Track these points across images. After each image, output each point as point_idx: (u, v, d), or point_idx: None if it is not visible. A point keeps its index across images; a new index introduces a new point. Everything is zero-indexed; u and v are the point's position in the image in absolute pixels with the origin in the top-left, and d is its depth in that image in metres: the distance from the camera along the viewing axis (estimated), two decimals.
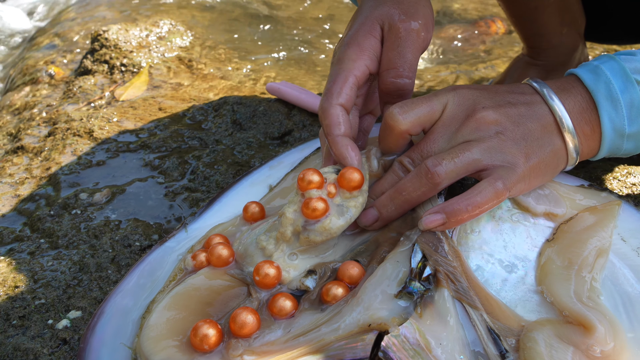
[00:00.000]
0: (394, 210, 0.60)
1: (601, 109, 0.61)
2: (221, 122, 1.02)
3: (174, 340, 0.54)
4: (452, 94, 0.61)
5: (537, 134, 0.60)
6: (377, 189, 0.63)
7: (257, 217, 0.66)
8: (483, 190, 0.57)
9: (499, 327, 0.53)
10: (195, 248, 0.66)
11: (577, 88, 0.62)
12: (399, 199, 0.60)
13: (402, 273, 0.54)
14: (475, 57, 1.44)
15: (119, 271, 0.72)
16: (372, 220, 0.61)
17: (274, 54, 1.44)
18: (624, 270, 0.61)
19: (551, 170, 0.62)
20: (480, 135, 0.59)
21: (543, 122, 0.61)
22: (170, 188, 0.87)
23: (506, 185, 0.57)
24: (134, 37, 1.36)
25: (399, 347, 0.48)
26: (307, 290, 0.58)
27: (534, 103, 0.61)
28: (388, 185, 0.62)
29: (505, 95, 0.62)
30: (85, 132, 1.01)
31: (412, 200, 0.60)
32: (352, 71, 0.63)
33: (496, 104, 0.61)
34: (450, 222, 0.57)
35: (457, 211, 0.56)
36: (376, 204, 0.61)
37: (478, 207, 0.57)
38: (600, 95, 0.61)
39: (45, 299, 0.68)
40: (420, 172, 0.58)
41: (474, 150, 0.58)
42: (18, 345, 0.62)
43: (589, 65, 0.63)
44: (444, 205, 0.57)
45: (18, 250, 0.77)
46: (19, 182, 0.92)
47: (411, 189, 0.59)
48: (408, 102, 0.61)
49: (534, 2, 0.97)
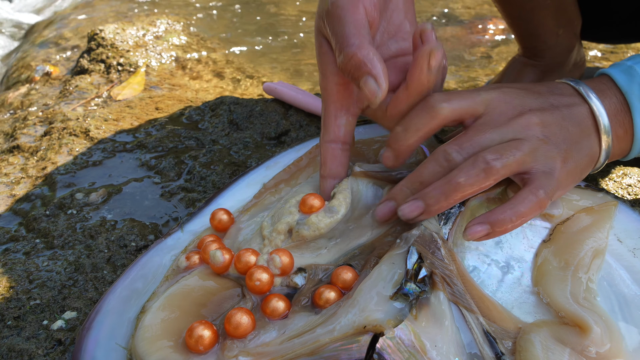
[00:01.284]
0: (444, 202, 0.56)
1: (634, 111, 0.61)
2: (218, 122, 1.02)
3: (168, 340, 0.54)
4: (498, 91, 0.60)
5: (576, 137, 0.59)
6: (415, 179, 0.59)
7: (226, 225, 0.67)
8: (526, 199, 0.55)
9: (495, 329, 0.53)
10: (189, 248, 0.66)
11: (612, 89, 0.61)
12: (450, 191, 0.56)
13: (397, 275, 0.54)
14: (472, 57, 1.44)
15: (114, 272, 0.72)
16: (418, 213, 0.57)
17: (271, 54, 1.43)
18: (620, 271, 0.61)
19: (584, 173, 0.62)
20: (528, 134, 0.57)
21: (582, 125, 0.60)
22: (166, 188, 0.87)
23: (548, 194, 0.56)
24: (130, 37, 1.36)
25: (394, 349, 0.48)
26: (296, 288, 0.59)
27: (574, 105, 0.60)
28: (430, 175, 0.58)
29: (549, 97, 0.61)
30: (81, 132, 1.01)
31: (466, 193, 0.56)
32: (329, 99, 0.64)
33: (541, 106, 0.59)
34: (495, 232, 0.55)
35: (501, 221, 0.55)
36: (422, 196, 0.57)
37: (522, 216, 0.55)
38: (634, 97, 0.60)
39: (40, 300, 0.68)
40: (477, 164, 0.55)
41: (525, 149, 0.57)
42: (13, 346, 0.62)
43: (622, 66, 0.63)
44: (488, 215, 0.55)
45: (13, 250, 0.77)
46: (15, 182, 0.92)
47: (465, 181, 0.55)
48: (451, 92, 0.59)
49: (530, 3, 0.97)
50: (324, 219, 0.61)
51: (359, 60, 0.56)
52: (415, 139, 0.59)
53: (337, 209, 0.62)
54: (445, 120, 0.59)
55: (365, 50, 0.56)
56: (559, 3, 0.99)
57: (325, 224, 0.61)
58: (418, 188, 0.59)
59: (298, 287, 0.59)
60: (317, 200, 0.62)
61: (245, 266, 0.59)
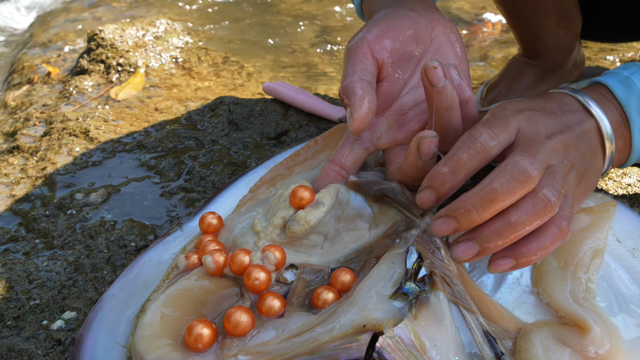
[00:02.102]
0: (501, 242, 0.54)
1: (633, 124, 0.61)
2: (217, 122, 1.02)
3: (168, 339, 0.54)
4: (521, 116, 0.58)
5: (589, 156, 0.59)
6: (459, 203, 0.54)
7: (216, 227, 0.67)
8: (549, 230, 0.54)
9: (495, 329, 0.53)
10: (188, 248, 0.66)
11: (612, 101, 0.62)
12: (509, 232, 0.53)
13: (397, 274, 0.54)
14: (471, 57, 1.44)
15: (114, 272, 0.72)
16: (471, 253, 0.54)
17: (271, 54, 1.44)
18: (619, 271, 0.61)
19: (591, 191, 0.61)
20: (557, 160, 0.56)
21: (592, 143, 0.60)
22: (166, 188, 0.87)
23: (568, 222, 0.55)
24: (130, 37, 1.36)
25: (393, 347, 0.48)
26: (286, 283, 0.59)
27: (583, 121, 0.60)
28: (478, 199, 0.53)
29: (561, 116, 0.59)
30: (81, 132, 1.01)
31: (524, 230, 0.53)
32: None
33: (559, 128, 0.58)
34: (519, 265, 0.54)
35: (525, 254, 0.53)
36: (476, 236, 0.54)
37: (545, 248, 0.54)
38: (633, 110, 0.61)
39: (40, 300, 0.68)
40: (537, 203, 0.52)
41: (560, 177, 0.55)
42: (12, 346, 0.62)
43: (619, 76, 0.62)
44: (513, 247, 0.54)
45: (13, 251, 0.77)
46: (15, 182, 0.92)
47: (524, 219, 0.53)
48: (491, 125, 0.56)
49: (532, 5, 0.98)
50: (311, 212, 0.62)
51: (346, 91, 0.60)
52: (463, 180, 0.56)
53: (322, 201, 0.63)
54: (493, 158, 0.56)
55: (352, 84, 0.60)
56: (560, 5, 0.99)
57: (313, 216, 0.62)
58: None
59: (287, 283, 0.59)
60: (307, 192, 0.63)
61: (239, 267, 0.59)
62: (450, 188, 0.56)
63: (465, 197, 0.53)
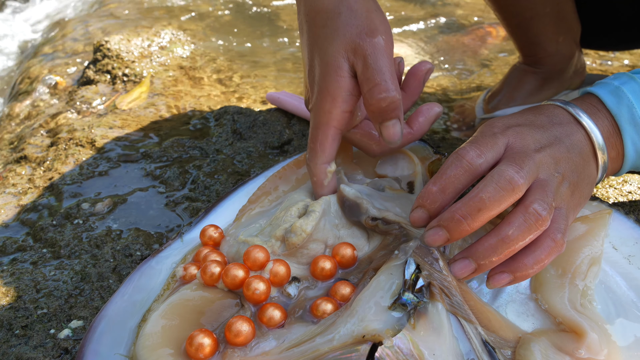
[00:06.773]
0: (496, 258, 0.55)
1: (625, 133, 0.61)
2: (221, 131, 1.03)
3: (169, 349, 0.54)
4: (510, 132, 0.59)
5: (580, 167, 0.59)
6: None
7: (217, 241, 0.68)
8: (544, 243, 0.54)
9: (494, 339, 0.54)
10: (188, 258, 0.67)
11: (603, 111, 0.62)
12: (502, 247, 0.54)
13: (395, 285, 0.54)
14: (473, 64, 1.45)
15: (120, 281, 0.73)
16: (468, 271, 0.56)
17: (275, 64, 1.45)
18: (615, 277, 0.61)
19: (586, 202, 0.62)
20: (547, 173, 0.57)
21: (583, 153, 0.60)
22: (171, 198, 0.88)
23: (563, 234, 0.55)
24: (135, 47, 1.37)
25: (392, 357, 0.49)
26: (290, 297, 0.60)
27: (573, 133, 0.60)
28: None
29: (551, 129, 0.60)
30: (87, 142, 1.02)
31: (518, 245, 0.55)
32: (331, 123, 0.64)
33: (549, 142, 0.59)
34: (517, 279, 0.55)
35: (522, 268, 0.54)
36: (472, 254, 0.55)
37: (541, 262, 0.54)
38: (624, 119, 0.61)
39: (47, 309, 0.69)
40: (529, 218, 0.54)
41: (551, 190, 0.56)
42: (20, 355, 0.63)
43: (609, 86, 0.63)
44: (509, 262, 0.55)
45: (21, 260, 0.78)
46: (22, 192, 0.93)
47: (515, 233, 0.54)
48: (478, 143, 0.57)
49: (529, 12, 0.98)
50: (306, 220, 0.62)
51: (395, 105, 0.61)
52: (454, 198, 0.58)
53: (312, 209, 0.64)
54: (482, 175, 0.57)
55: (399, 97, 0.61)
56: (558, 11, 0.99)
57: (308, 223, 0.62)
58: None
59: (291, 297, 0.60)
60: (262, 254, 0.62)
61: (232, 281, 0.60)
62: (441, 206, 0.58)
63: (454, 207, 0.54)
